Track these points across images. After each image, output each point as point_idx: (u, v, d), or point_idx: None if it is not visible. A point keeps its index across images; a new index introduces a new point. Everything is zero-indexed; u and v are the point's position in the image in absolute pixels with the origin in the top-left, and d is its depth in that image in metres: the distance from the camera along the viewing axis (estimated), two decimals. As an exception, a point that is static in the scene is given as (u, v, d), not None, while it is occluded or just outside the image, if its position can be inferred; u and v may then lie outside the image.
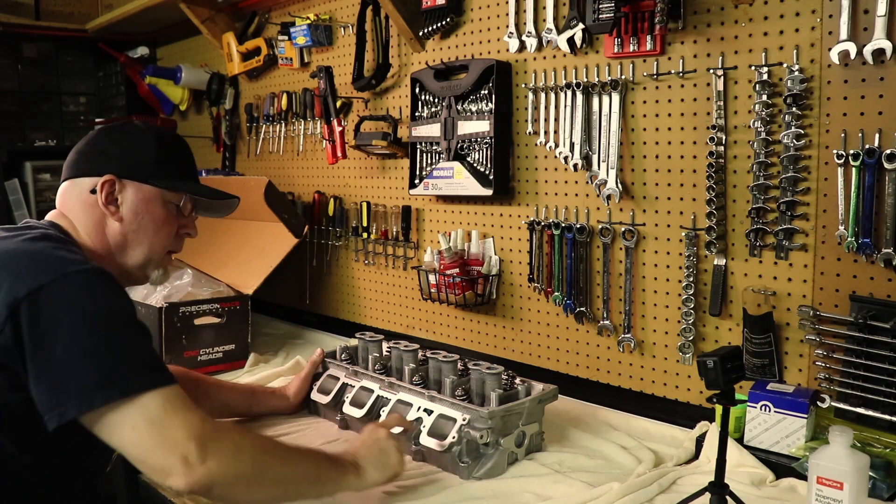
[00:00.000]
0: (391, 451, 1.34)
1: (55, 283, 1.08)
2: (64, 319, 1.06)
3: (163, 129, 1.44)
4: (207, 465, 1.07)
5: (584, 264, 1.85)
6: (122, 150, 1.36)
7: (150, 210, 1.36)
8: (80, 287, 1.10)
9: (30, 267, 1.11)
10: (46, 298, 1.07)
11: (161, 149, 1.39)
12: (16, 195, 3.30)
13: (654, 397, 1.76)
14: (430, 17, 2.13)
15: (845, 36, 1.36)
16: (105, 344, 1.08)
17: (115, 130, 1.40)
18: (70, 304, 1.08)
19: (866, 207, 1.38)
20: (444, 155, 2.10)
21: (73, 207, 1.34)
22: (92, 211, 1.32)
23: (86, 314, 1.08)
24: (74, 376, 1.05)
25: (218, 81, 3.14)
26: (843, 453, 1.13)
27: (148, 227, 1.36)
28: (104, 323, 1.10)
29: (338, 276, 2.68)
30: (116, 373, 1.07)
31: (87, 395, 1.04)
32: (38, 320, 1.06)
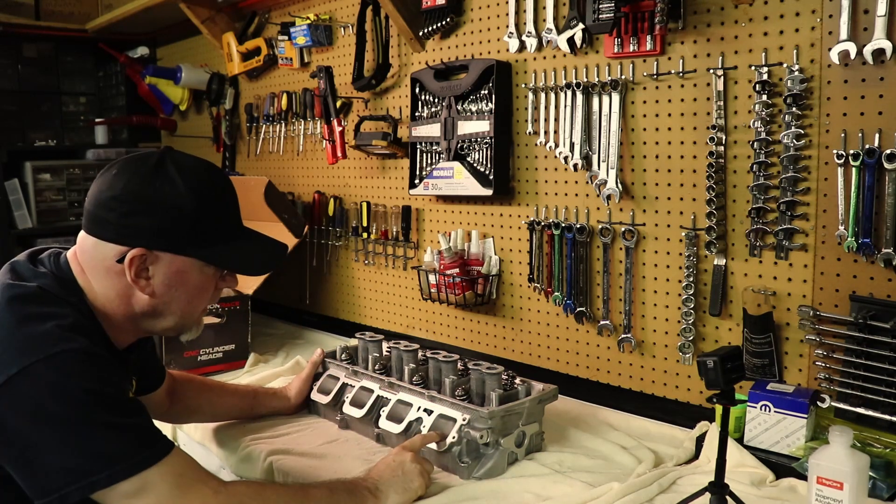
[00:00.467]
0: (414, 474, 1.32)
1: (38, 365, 1.00)
2: (51, 402, 0.99)
3: (199, 174, 1.20)
4: None
5: (584, 264, 1.85)
6: (155, 216, 1.15)
7: (185, 280, 1.20)
8: (65, 367, 1.01)
9: (11, 345, 1.02)
10: (32, 380, 0.99)
11: (200, 209, 1.17)
12: (16, 195, 3.30)
13: (654, 397, 1.76)
14: (430, 17, 2.13)
15: (845, 36, 1.36)
16: (98, 424, 1.02)
17: (146, 183, 1.15)
18: (54, 386, 1.00)
19: (866, 207, 1.38)
20: (444, 155, 2.10)
21: (93, 269, 1.18)
22: (117, 280, 1.17)
23: (72, 395, 1.01)
24: (70, 461, 1.00)
25: (218, 81, 3.14)
26: (843, 453, 1.13)
27: (182, 298, 1.21)
28: (96, 404, 1.02)
29: (338, 276, 2.68)
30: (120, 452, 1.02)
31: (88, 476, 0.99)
32: (21, 403, 0.99)
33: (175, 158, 1.19)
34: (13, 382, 0.99)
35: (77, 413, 1.01)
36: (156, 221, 1.15)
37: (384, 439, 1.59)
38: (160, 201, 1.15)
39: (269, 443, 1.59)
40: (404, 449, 1.38)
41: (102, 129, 3.66)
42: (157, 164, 1.17)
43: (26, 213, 3.33)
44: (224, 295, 2.31)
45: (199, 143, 3.40)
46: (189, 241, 1.18)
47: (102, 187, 1.17)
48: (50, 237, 3.40)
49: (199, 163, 1.23)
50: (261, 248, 1.31)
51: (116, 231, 1.15)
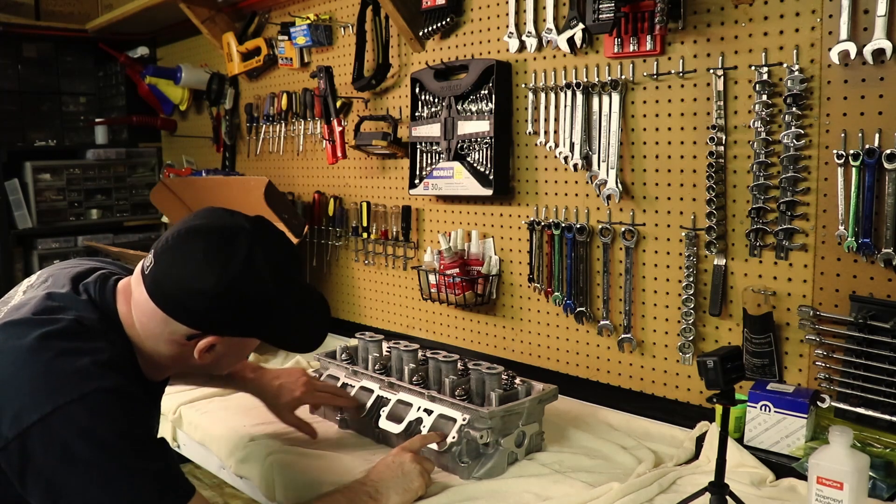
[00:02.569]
0: (414, 474, 1.32)
1: (69, 406, 0.99)
2: (81, 446, 0.99)
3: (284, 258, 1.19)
4: None
5: (584, 264, 1.85)
6: (241, 312, 1.14)
7: (243, 351, 1.26)
8: (97, 411, 1.01)
9: (42, 387, 1.01)
10: (59, 424, 0.99)
11: (280, 300, 1.17)
12: (16, 195, 3.30)
13: (654, 397, 1.76)
14: (430, 17, 2.13)
15: (845, 36, 1.36)
16: (124, 470, 1.02)
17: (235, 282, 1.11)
18: (85, 431, 1.00)
19: (866, 207, 1.38)
20: (444, 155, 2.10)
21: (156, 336, 1.16)
22: (177, 348, 1.17)
23: (102, 443, 1.01)
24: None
25: (218, 81, 3.14)
26: (843, 453, 1.13)
27: (232, 363, 1.27)
28: (121, 448, 1.02)
29: (338, 276, 2.68)
30: (141, 499, 1.02)
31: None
32: (51, 446, 0.99)
33: (266, 250, 1.15)
34: (45, 422, 0.99)
35: (104, 458, 1.01)
36: (241, 317, 1.15)
37: (384, 439, 1.59)
38: (250, 300, 1.14)
39: (269, 443, 1.59)
40: (404, 449, 1.38)
41: (102, 129, 3.66)
42: (247, 259, 1.13)
43: (26, 213, 3.33)
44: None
45: (199, 143, 3.40)
46: (264, 328, 1.20)
47: (188, 272, 1.12)
48: (50, 237, 3.40)
49: (286, 252, 1.21)
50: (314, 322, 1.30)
51: (199, 320, 1.14)
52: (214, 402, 1.90)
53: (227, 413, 1.81)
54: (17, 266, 3.39)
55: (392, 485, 1.30)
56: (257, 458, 1.53)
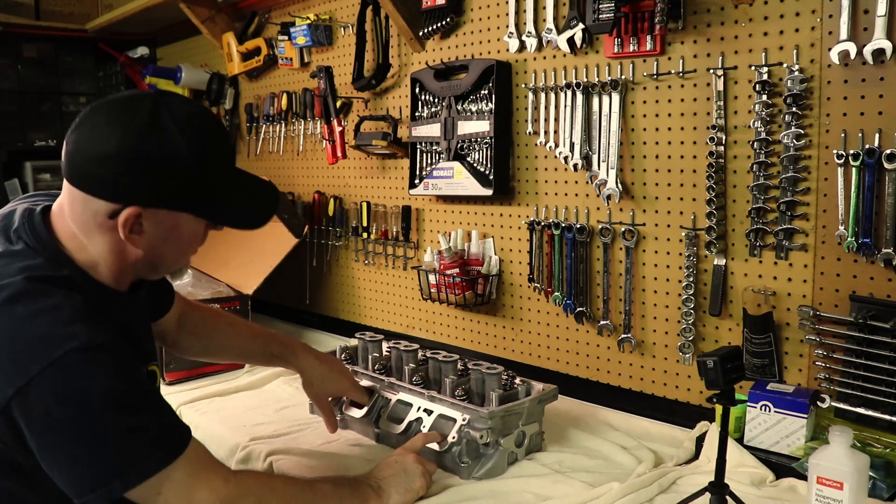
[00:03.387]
0: (415, 474, 1.32)
1: (43, 375, 0.97)
2: (61, 413, 0.98)
3: (193, 119, 1.12)
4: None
5: (584, 264, 1.85)
6: (150, 172, 1.07)
7: (179, 234, 1.16)
8: (72, 373, 0.99)
9: (13, 355, 1.00)
10: (38, 392, 0.98)
11: (197, 161, 1.10)
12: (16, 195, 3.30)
13: (654, 397, 1.76)
14: (430, 17, 2.13)
15: (845, 36, 1.36)
16: (112, 431, 1.01)
17: (137, 135, 1.06)
18: (63, 396, 0.98)
19: (866, 207, 1.38)
20: (444, 155, 2.10)
21: (84, 225, 1.11)
22: (109, 236, 1.11)
23: (83, 404, 0.99)
24: (87, 471, 1.01)
25: (218, 81, 3.13)
26: (843, 453, 1.13)
27: (175, 249, 1.18)
28: (105, 408, 1.01)
29: (338, 276, 2.68)
30: (131, 459, 1.02)
31: (105, 487, 1.01)
32: (33, 417, 0.99)
33: (170, 107, 1.10)
34: (22, 394, 0.98)
35: (86, 420, 1.00)
36: (153, 181, 1.08)
37: (384, 439, 1.59)
38: (156, 156, 1.07)
39: (269, 443, 1.60)
40: (406, 450, 1.39)
41: (102, 130, 3.66)
42: (149, 115, 1.08)
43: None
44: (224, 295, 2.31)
45: (199, 143, 3.39)
46: (186, 199, 1.13)
47: (93, 139, 1.07)
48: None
49: (195, 111, 1.15)
50: (255, 199, 1.26)
51: (111, 189, 1.08)
52: (214, 402, 1.90)
53: (227, 413, 1.82)
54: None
55: (394, 483, 1.30)
56: (257, 458, 1.53)
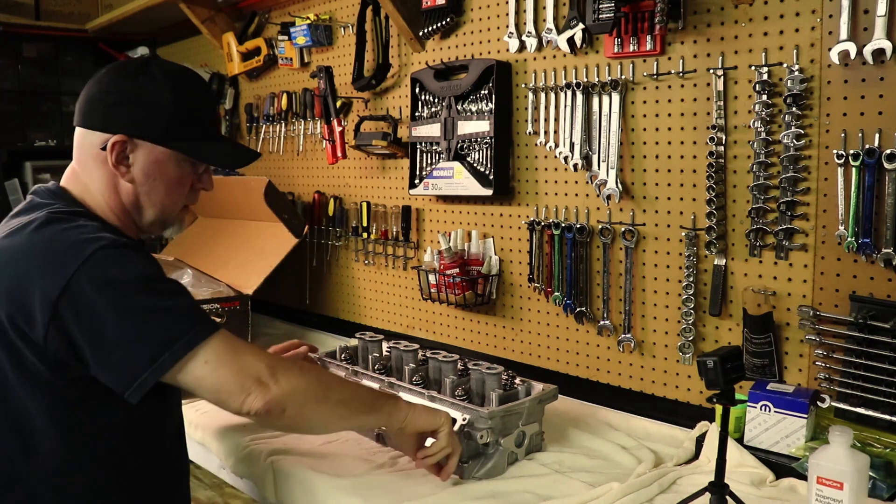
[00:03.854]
0: (441, 412, 1.37)
1: (80, 271, 1.08)
2: (103, 301, 1.08)
3: (182, 75, 1.32)
4: (280, 384, 1.15)
5: (584, 264, 1.85)
6: (136, 106, 1.25)
7: (163, 171, 1.28)
8: (105, 264, 1.11)
9: (51, 261, 1.11)
10: (78, 288, 1.08)
11: (178, 105, 1.27)
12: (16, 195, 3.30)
13: (654, 397, 1.76)
14: (430, 17, 2.13)
15: (845, 36, 1.36)
16: (151, 309, 1.11)
17: (131, 78, 1.26)
18: (102, 285, 1.09)
19: (866, 207, 1.38)
20: (444, 155, 2.10)
21: (84, 161, 1.28)
22: (103, 168, 1.26)
23: (120, 288, 1.10)
24: (136, 348, 1.09)
25: (218, 81, 3.13)
26: (843, 453, 1.13)
27: (160, 189, 1.29)
28: (141, 291, 1.12)
29: (338, 276, 2.68)
30: (174, 331, 1.11)
31: (156, 361, 1.09)
32: (80, 312, 1.08)
33: (159, 62, 1.30)
34: (68, 291, 1.07)
35: (129, 301, 1.10)
36: (137, 112, 1.25)
37: (384, 439, 1.59)
38: (142, 94, 1.25)
39: (269, 443, 1.59)
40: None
41: (102, 130, 3.66)
42: (142, 64, 1.28)
43: (26, 213, 3.33)
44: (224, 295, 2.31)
45: (199, 143, 3.39)
46: (167, 133, 1.26)
47: (93, 85, 1.27)
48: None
49: (182, 67, 1.34)
50: (233, 148, 1.42)
51: (102, 120, 1.25)
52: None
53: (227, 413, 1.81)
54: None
55: (420, 408, 1.36)
56: (257, 458, 1.53)
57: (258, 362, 1.16)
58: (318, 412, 1.24)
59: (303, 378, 1.21)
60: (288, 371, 1.19)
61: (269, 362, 1.17)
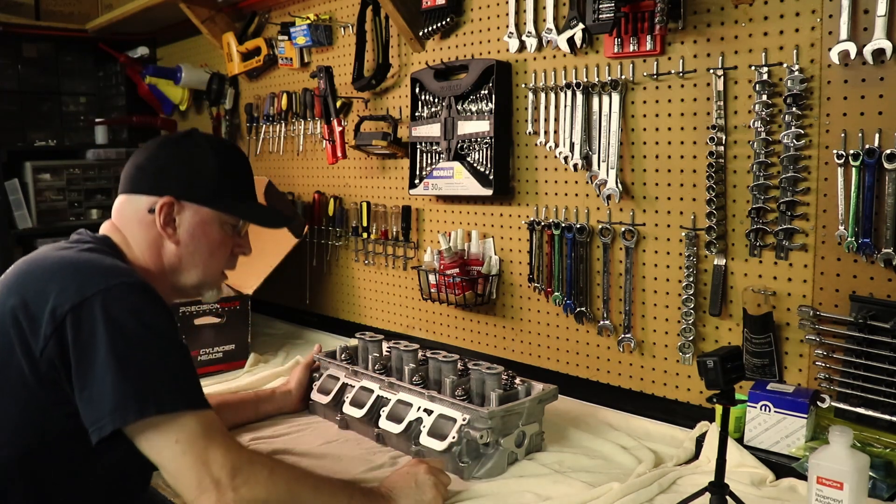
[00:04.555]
0: (427, 486, 1.30)
1: (98, 296, 1.08)
2: (103, 332, 1.06)
3: (223, 143, 1.40)
4: (240, 491, 1.07)
5: (584, 264, 1.85)
6: (183, 169, 1.31)
7: (207, 233, 1.33)
8: (122, 300, 1.10)
9: (74, 278, 1.11)
10: (89, 311, 1.07)
11: (222, 168, 1.34)
12: (16, 195, 3.30)
13: (654, 397, 1.76)
14: (430, 17, 2.13)
15: (845, 36, 1.36)
16: (143, 359, 1.08)
17: (176, 145, 1.34)
18: (110, 318, 1.07)
19: (866, 207, 1.38)
20: (444, 155, 2.10)
21: (128, 223, 1.31)
22: (148, 230, 1.29)
23: (125, 328, 1.08)
24: (111, 390, 1.05)
25: (218, 81, 3.13)
26: (843, 453, 1.13)
27: (203, 251, 1.33)
28: (143, 338, 1.09)
29: (338, 276, 2.68)
30: (152, 389, 1.07)
31: (122, 410, 1.04)
32: (81, 333, 1.06)
33: (200, 132, 1.39)
34: (76, 310, 1.06)
35: (124, 345, 1.07)
36: (184, 174, 1.31)
37: (384, 439, 1.59)
38: (190, 158, 1.32)
39: (269, 443, 1.60)
40: (419, 462, 1.37)
41: (102, 129, 3.65)
42: (186, 134, 1.37)
43: (26, 213, 3.32)
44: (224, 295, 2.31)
45: (199, 143, 3.39)
46: (212, 195, 1.32)
47: (139, 155, 1.34)
48: (50, 237, 3.39)
49: (222, 139, 1.46)
50: (271, 209, 1.49)
51: (150, 183, 1.30)
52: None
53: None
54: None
55: (404, 494, 1.28)
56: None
57: (224, 462, 1.07)
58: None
59: (268, 486, 1.11)
60: (254, 476, 1.10)
61: (236, 464, 1.08)
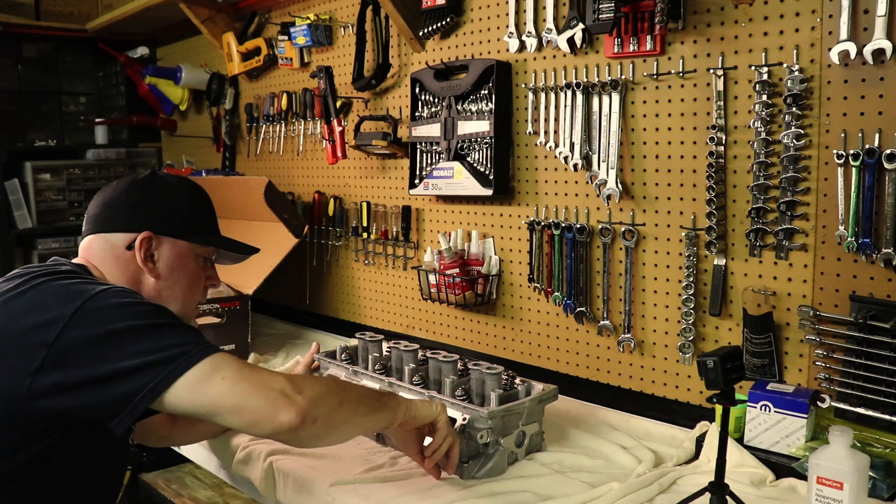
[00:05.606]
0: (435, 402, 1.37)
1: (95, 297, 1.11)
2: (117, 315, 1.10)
3: (188, 181, 1.47)
4: (305, 393, 1.12)
5: (584, 264, 1.85)
6: (158, 206, 1.37)
7: (185, 265, 1.38)
8: (119, 293, 1.15)
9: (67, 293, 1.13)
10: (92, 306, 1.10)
11: (193, 204, 1.41)
12: (16, 195, 3.30)
13: (654, 397, 1.76)
14: (430, 17, 2.13)
15: (845, 36, 1.36)
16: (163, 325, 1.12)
17: (147, 184, 1.39)
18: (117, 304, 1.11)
19: (866, 207, 1.38)
20: (444, 155, 2.10)
21: (103, 262, 1.33)
22: (127, 266, 1.33)
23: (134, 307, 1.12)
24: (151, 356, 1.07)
25: (218, 81, 3.14)
26: (843, 453, 1.13)
27: (182, 282, 1.38)
28: (152, 311, 1.14)
29: (338, 276, 2.68)
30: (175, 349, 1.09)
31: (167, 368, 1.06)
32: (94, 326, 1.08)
33: (164, 173, 1.46)
34: (77, 316, 1.08)
35: (142, 321, 1.11)
36: (160, 210, 1.37)
37: (384, 439, 1.59)
38: (163, 195, 1.39)
39: (269, 443, 1.59)
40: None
41: (102, 129, 3.66)
42: (152, 173, 1.42)
43: (26, 213, 3.32)
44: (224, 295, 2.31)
45: (198, 143, 3.40)
46: (187, 229, 1.38)
47: (107, 194, 1.37)
48: (50, 237, 3.40)
49: (185, 177, 1.47)
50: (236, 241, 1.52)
51: (126, 221, 1.34)
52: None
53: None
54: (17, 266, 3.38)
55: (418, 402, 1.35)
56: (257, 458, 1.53)
57: (277, 377, 1.13)
58: (344, 414, 1.20)
59: (322, 384, 1.21)
60: (305, 379, 1.18)
61: (287, 376, 1.15)
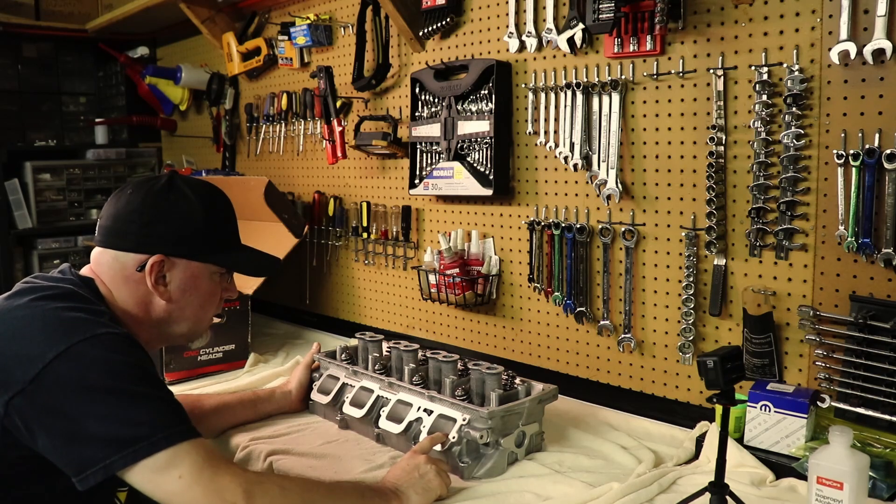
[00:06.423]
0: (431, 474, 1.32)
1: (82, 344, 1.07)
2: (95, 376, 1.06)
3: (205, 188, 1.35)
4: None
5: (584, 264, 1.85)
6: (171, 225, 1.28)
7: (198, 286, 1.32)
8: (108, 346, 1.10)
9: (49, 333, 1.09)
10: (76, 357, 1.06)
11: (208, 218, 1.31)
12: (16, 195, 3.30)
13: (654, 397, 1.76)
14: (430, 17, 2.13)
15: (845, 36, 1.36)
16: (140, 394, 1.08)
17: (161, 198, 1.28)
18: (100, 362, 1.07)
19: (866, 207, 1.38)
20: (444, 155, 2.10)
21: (113, 279, 1.27)
22: (137, 287, 1.27)
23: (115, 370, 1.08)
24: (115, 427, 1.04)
25: (218, 81, 3.14)
26: (843, 453, 1.13)
27: (195, 303, 1.33)
28: (134, 376, 1.09)
29: (338, 276, 2.68)
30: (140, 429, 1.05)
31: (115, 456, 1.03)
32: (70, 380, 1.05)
33: (183, 178, 1.32)
34: (59, 360, 1.05)
35: (120, 384, 1.07)
36: (173, 230, 1.28)
37: (384, 439, 1.59)
38: (176, 212, 1.28)
39: (269, 443, 1.59)
40: (415, 453, 1.38)
41: (102, 129, 3.66)
42: (168, 182, 1.30)
43: (26, 213, 3.32)
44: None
45: (199, 143, 3.40)
46: (201, 248, 1.31)
47: (120, 205, 1.28)
48: (50, 237, 3.40)
49: (204, 182, 1.36)
50: (258, 255, 1.44)
51: (137, 241, 1.26)
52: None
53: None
54: (17, 266, 3.38)
55: (411, 485, 1.29)
56: (257, 458, 1.53)
57: (236, 487, 1.07)
58: None
59: (282, 499, 1.12)
60: (267, 496, 1.10)
61: (246, 486, 1.08)
